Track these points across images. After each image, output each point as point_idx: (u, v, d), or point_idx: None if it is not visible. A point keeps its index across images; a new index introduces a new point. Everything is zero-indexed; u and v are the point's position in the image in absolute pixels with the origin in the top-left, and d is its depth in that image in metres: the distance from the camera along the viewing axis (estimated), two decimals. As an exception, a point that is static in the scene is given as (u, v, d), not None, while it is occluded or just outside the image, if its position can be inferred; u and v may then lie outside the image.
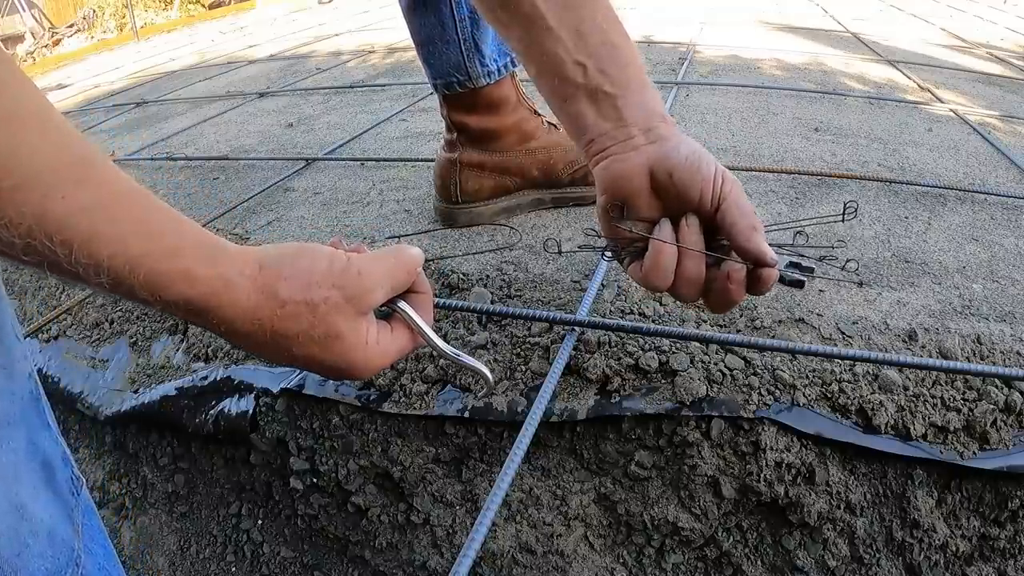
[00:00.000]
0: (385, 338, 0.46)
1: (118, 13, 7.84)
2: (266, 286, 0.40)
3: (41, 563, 0.41)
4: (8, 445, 0.40)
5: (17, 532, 0.39)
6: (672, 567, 0.81)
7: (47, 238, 0.32)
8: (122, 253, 0.34)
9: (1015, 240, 1.01)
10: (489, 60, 0.99)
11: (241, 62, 3.05)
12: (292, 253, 0.42)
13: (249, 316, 0.40)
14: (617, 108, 0.57)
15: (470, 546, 0.51)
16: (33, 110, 0.32)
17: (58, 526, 0.43)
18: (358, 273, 0.43)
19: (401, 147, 1.53)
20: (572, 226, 1.07)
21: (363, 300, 0.44)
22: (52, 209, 0.32)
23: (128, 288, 0.36)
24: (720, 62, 2.21)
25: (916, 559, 0.75)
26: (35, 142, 0.32)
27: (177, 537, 1.02)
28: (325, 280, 0.42)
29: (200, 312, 0.39)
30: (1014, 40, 2.95)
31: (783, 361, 0.76)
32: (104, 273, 0.34)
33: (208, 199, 1.36)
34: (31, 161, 0.31)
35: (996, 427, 0.71)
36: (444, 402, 0.81)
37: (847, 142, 1.42)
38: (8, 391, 0.40)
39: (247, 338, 0.41)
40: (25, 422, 0.42)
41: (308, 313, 0.41)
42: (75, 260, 0.33)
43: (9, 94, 0.31)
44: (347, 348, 0.44)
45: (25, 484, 0.41)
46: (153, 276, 0.36)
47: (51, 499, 0.43)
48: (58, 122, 0.33)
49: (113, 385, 1.04)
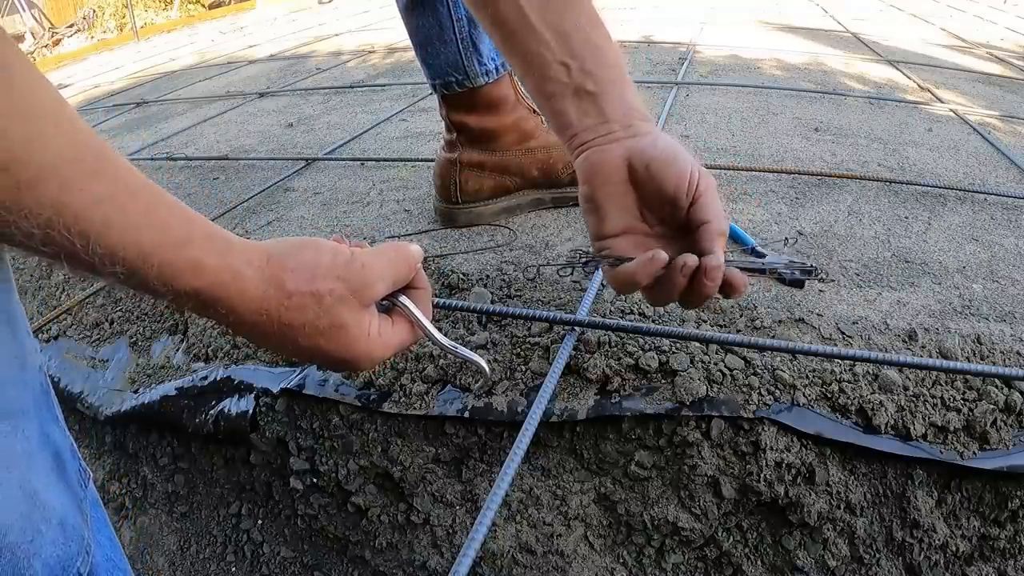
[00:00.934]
0: (386, 330, 0.47)
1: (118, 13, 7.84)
2: (273, 277, 0.41)
3: (53, 550, 0.41)
4: (23, 434, 0.41)
5: (31, 518, 0.40)
6: (672, 567, 0.81)
7: (65, 229, 0.33)
8: (136, 244, 0.35)
9: (1015, 240, 1.01)
10: (487, 59, 0.99)
11: (241, 62, 3.06)
12: (297, 245, 0.43)
13: (256, 307, 0.41)
14: (599, 105, 0.59)
15: (470, 546, 0.51)
16: (48, 104, 0.33)
17: (69, 514, 0.44)
18: (362, 266, 0.44)
19: (401, 147, 1.53)
20: (572, 226, 1.07)
21: (366, 292, 0.45)
22: (70, 201, 0.33)
23: (142, 278, 0.36)
24: (720, 62, 2.21)
25: (916, 559, 0.75)
26: (52, 135, 0.33)
27: (177, 537, 1.02)
28: (330, 272, 0.43)
29: (209, 303, 0.39)
30: (1014, 40, 2.95)
31: (783, 361, 0.76)
32: (119, 263, 0.35)
33: (208, 199, 1.36)
34: (49, 154, 0.32)
35: (996, 427, 0.71)
36: (444, 402, 0.81)
37: (847, 142, 1.42)
38: (22, 381, 0.41)
39: (253, 328, 0.42)
40: (37, 413, 0.43)
41: (314, 304, 0.42)
42: (92, 251, 0.34)
43: (26, 88, 0.32)
44: (351, 339, 0.44)
45: (38, 472, 0.42)
46: (165, 266, 0.37)
47: (62, 488, 0.44)
48: (72, 116, 0.34)
49: (113, 385, 1.04)
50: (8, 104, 0.31)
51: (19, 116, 0.31)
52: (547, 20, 0.59)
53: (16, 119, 0.31)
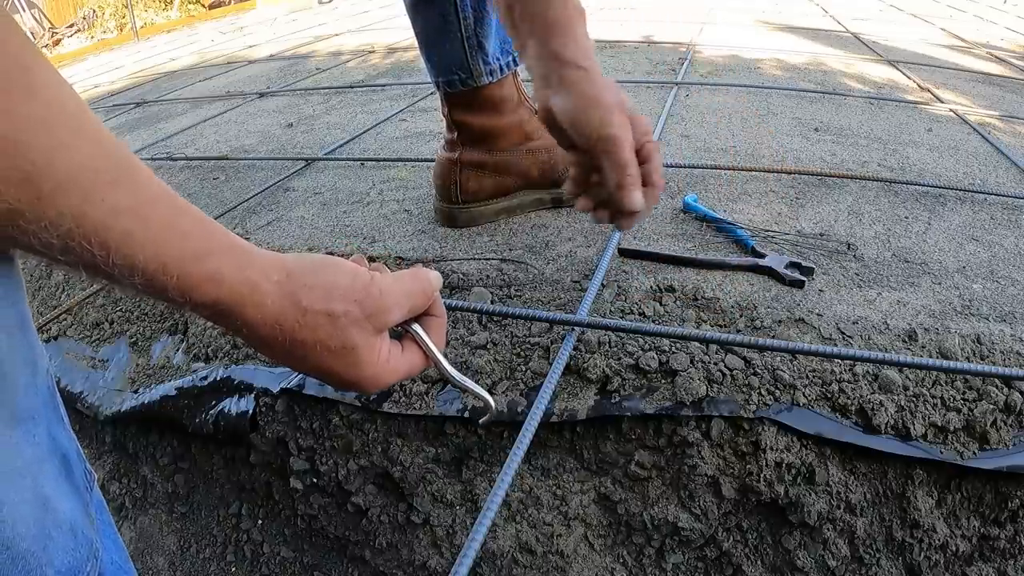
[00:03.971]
0: (396, 356, 0.47)
1: (118, 13, 7.83)
2: (291, 293, 0.41)
3: (64, 556, 0.41)
4: (33, 439, 0.40)
5: (43, 525, 0.40)
6: (672, 567, 0.81)
7: (85, 240, 0.33)
8: (156, 255, 0.35)
9: (1015, 240, 1.01)
10: (492, 58, 0.99)
11: (241, 62, 3.05)
12: (318, 263, 0.43)
13: (271, 320, 0.41)
14: (541, 47, 0.70)
15: (470, 546, 0.51)
16: (71, 112, 0.32)
17: (78, 520, 0.44)
18: (380, 292, 0.44)
19: (401, 147, 1.53)
20: (572, 226, 1.07)
21: (381, 318, 0.45)
22: (91, 212, 0.32)
23: (161, 289, 0.36)
24: (720, 62, 2.21)
25: (916, 559, 0.75)
26: (75, 145, 0.32)
27: (177, 537, 1.02)
28: (347, 294, 0.43)
29: (225, 314, 0.39)
30: (1014, 40, 2.95)
31: (783, 361, 0.76)
32: (139, 274, 0.35)
33: (208, 199, 1.36)
34: (71, 164, 0.31)
35: (996, 427, 0.71)
36: (444, 402, 0.81)
37: (847, 142, 1.42)
38: (33, 386, 0.41)
39: (266, 341, 0.42)
40: (45, 417, 0.43)
41: (328, 324, 0.42)
42: (112, 262, 0.34)
43: (49, 94, 0.31)
44: (360, 362, 0.44)
45: (48, 477, 0.41)
46: (185, 278, 0.36)
47: (71, 493, 0.44)
48: (94, 123, 0.34)
49: (113, 385, 1.04)
50: (30, 113, 0.30)
51: (42, 126, 0.31)
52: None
53: (39, 130, 0.30)
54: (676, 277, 0.91)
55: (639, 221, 0.77)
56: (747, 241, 0.97)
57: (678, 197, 1.13)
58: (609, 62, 2.25)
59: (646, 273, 0.92)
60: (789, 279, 0.89)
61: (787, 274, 0.89)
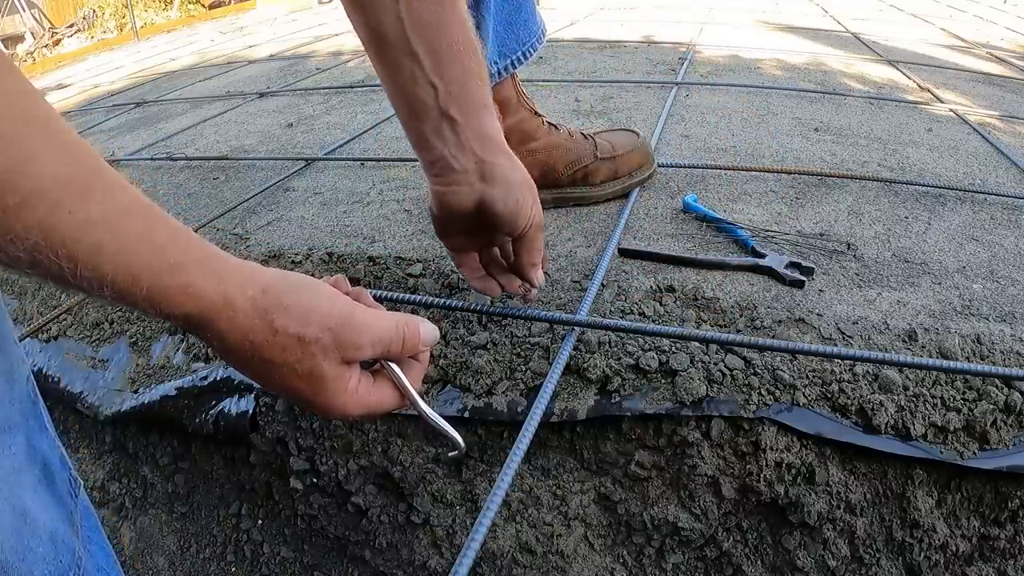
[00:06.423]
0: (365, 388, 0.46)
1: (118, 13, 7.84)
2: (265, 311, 0.40)
3: (44, 567, 0.41)
4: (9, 450, 0.40)
5: (21, 536, 0.39)
6: (672, 567, 0.81)
7: (52, 253, 0.32)
8: (126, 267, 0.34)
9: (1015, 240, 1.01)
10: (490, 62, 0.99)
11: (241, 62, 3.05)
12: (297, 284, 0.42)
13: (242, 336, 0.40)
14: (457, 134, 0.65)
15: (470, 546, 0.51)
16: (39, 122, 0.31)
17: (59, 529, 0.43)
18: (358, 325, 0.44)
19: (401, 147, 1.53)
20: (572, 226, 1.07)
21: (350, 352, 0.44)
22: (58, 224, 0.32)
23: (131, 300, 0.36)
24: (720, 62, 2.21)
25: (916, 559, 0.75)
26: (41, 156, 0.31)
27: (177, 537, 1.02)
28: (324, 320, 0.42)
29: (197, 326, 0.39)
30: (1014, 40, 2.95)
31: (783, 361, 0.76)
32: (108, 287, 0.34)
33: (208, 199, 1.36)
34: (38, 176, 0.31)
35: (996, 427, 0.71)
36: (444, 402, 0.81)
37: (847, 142, 1.42)
38: (9, 396, 0.40)
39: (237, 355, 0.41)
40: (24, 426, 0.42)
41: (297, 348, 0.41)
42: (80, 274, 0.33)
43: (16, 106, 0.30)
44: (326, 390, 0.44)
45: (26, 488, 0.41)
46: (156, 290, 0.36)
47: (51, 502, 0.43)
48: (63, 132, 0.33)
49: (113, 385, 1.04)
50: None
51: (8, 139, 0.30)
52: (424, 37, 0.61)
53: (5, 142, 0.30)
54: (676, 277, 0.91)
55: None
56: (747, 241, 0.97)
57: (678, 197, 1.13)
58: (609, 62, 2.25)
59: (646, 273, 0.92)
60: (789, 279, 0.89)
61: (787, 274, 0.89)
